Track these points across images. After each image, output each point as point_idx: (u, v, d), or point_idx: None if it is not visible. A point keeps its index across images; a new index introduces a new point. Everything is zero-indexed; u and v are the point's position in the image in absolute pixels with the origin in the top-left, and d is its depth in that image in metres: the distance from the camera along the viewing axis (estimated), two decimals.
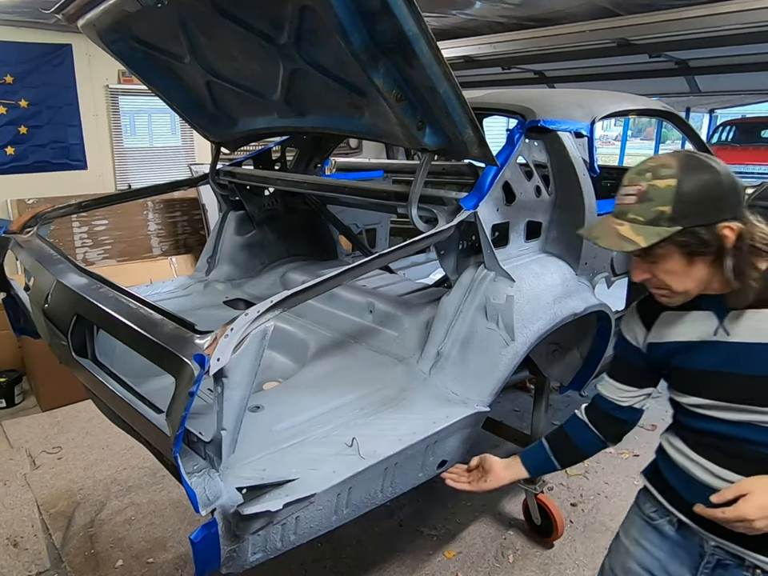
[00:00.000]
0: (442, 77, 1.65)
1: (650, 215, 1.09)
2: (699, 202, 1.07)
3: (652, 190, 1.09)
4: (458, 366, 1.97)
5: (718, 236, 1.07)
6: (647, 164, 1.14)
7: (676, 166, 1.09)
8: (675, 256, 1.11)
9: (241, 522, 1.34)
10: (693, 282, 1.13)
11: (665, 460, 1.32)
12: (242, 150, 3.38)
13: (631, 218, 1.11)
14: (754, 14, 3.42)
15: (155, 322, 1.47)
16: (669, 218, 1.07)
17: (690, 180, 1.07)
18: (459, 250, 2.10)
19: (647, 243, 1.08)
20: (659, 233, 1.07)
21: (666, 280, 1.15)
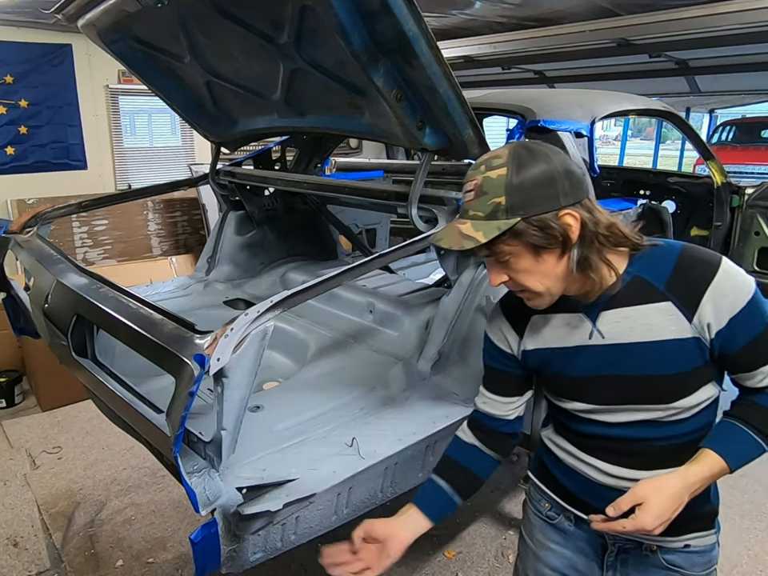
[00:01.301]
0: (441, 77, 1.65)
1: (487, 209, 1.03)
2: (532, 189, 1.01)
3: (486, 182, 1.03)
4: (458, 366, 1.97)
5: (560, 225, 1.01)
6: (482, 158, 1.08)
7: (506, 155, 1.03)
8: (522, 252, 1.05)
9: (241, 521, 1.34)
10: (550, 280, 1.07)
11: (551, 459, 1.30)
12: (242, 150, 3.38)
13: (472, 215, 1.05)
14: (754, 13, 3.42)
15: (155, 322, 1.47)
16: (505, 209, 1.01)
17: (521, 168, 1.01)
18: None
19: (486, 238, 1.02)
20: (498, 226, 1.01)
21: (521, 280, 1.08)
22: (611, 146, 22.53)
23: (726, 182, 3.28)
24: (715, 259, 1.06)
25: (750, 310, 1.04)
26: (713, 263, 1.05)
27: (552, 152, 1.05)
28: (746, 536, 2.60)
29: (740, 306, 1.03)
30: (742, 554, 2.49)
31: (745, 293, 1.04)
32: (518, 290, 1.13)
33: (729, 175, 3.33)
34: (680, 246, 1.10)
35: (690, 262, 1.07)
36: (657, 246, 1.11)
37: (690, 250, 1.09)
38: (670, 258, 1.08)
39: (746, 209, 3.22)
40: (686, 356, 1.07)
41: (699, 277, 1.05)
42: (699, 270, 1.06)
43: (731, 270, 1.05)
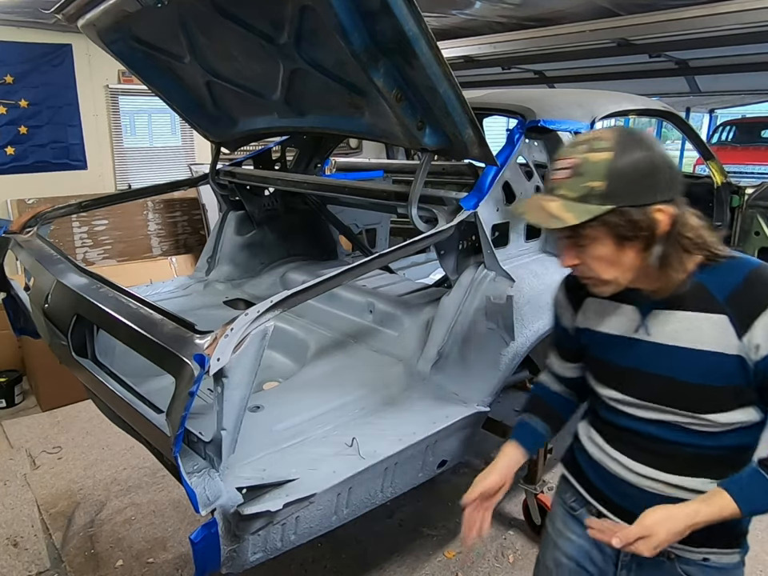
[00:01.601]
0: (441, 77, 1.65)
1: (580, 191, 1.01)
2: (633, 180, 1.00)
3: (585, 163, 1.02)
4: (458, 366, 1.97)
5: (651, 219, 1.01)
6: (583, 137, 1.07)
7: (612, 139, 1.02)
8: (605, 239, 1.03)
9: (241, 521, 1.34)
10: (621, 271, 1.06)
11: (581, 451, 1.32)
12: (242, 150, 3.38)
13: (561, 194, 1.03)
14: (754, 14, 3.42)
15: (155, 321, 1.47)
16: (600, 194, 1.00)
17: (625, 155, 1.00)
18: (459, 250, 2.10)
19: (577, 220, 1.00)
20: (589, 211, 1.00)
21: (594, 267, 1.07)
22: None
23: (725, 182, 3.28)
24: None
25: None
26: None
27: (655, 144, 1.03)
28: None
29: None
30: None
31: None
32: (586, 275, 1.12)
33: (729, 175, 3.34)
34: (756, 264, 1.07)
35: (759, 280, 1.04)
36: (733, 258, 1.09)
37: (764, 269, 1.06)
38: (740, 272, 1.06)
39: (745, 209, 3.22)
40: (723, 372, 1.05)
41: (763, 296, 1.03)
42: (766, 289, 1.03)
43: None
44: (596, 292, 1.14)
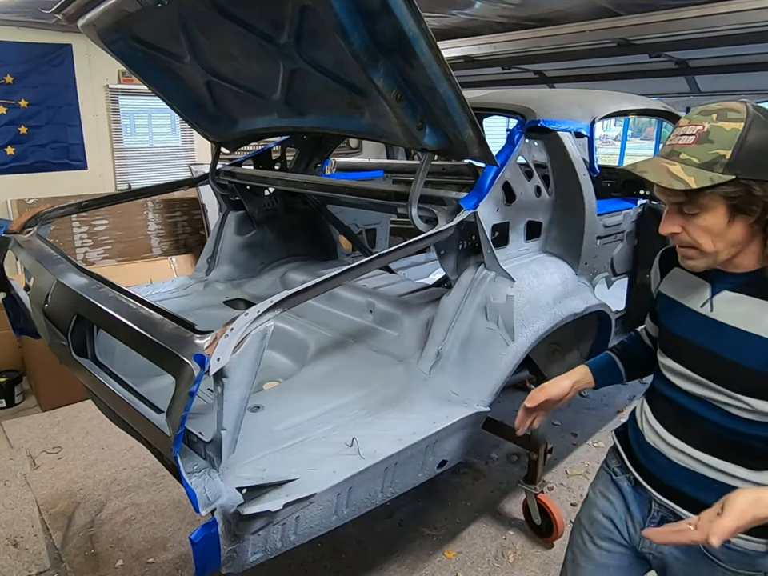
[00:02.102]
0: (441, 77, 1.65)
1: (706, 157, 1.02)
2: (759, 154, 1.01)
3: (715, 130, 1.03)
4: (458, 366, 1.97)
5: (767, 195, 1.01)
6: (713, 106, 1.07)
7: (745, 112, 1.03)
8: (719, 209, 1.03)
9: (241, 521, 1.34)
10: (725, 244, 1.06)
11: (632, 420, 1.38)
12: (242, 150, 3.38)
13: (684, 159, 1.04)
14: (754, 13, 3.42)
15: (155, 321, 1.47)
16: (726, 163, 1.00)
17: (758, 129, 1.01)
18: (459, 250, 2.10)
19: (698, 185, 1.00)
20: (712, 178, 1.00)
21: (696, 236, 1.07)
22: (611, 146, 22.50)
23: None
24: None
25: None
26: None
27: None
28: None
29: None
30: None
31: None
32: (685, 245, 1.11)
33: None
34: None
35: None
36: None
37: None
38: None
39: None
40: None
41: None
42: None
43: None
44: (689, 265, 1.14)
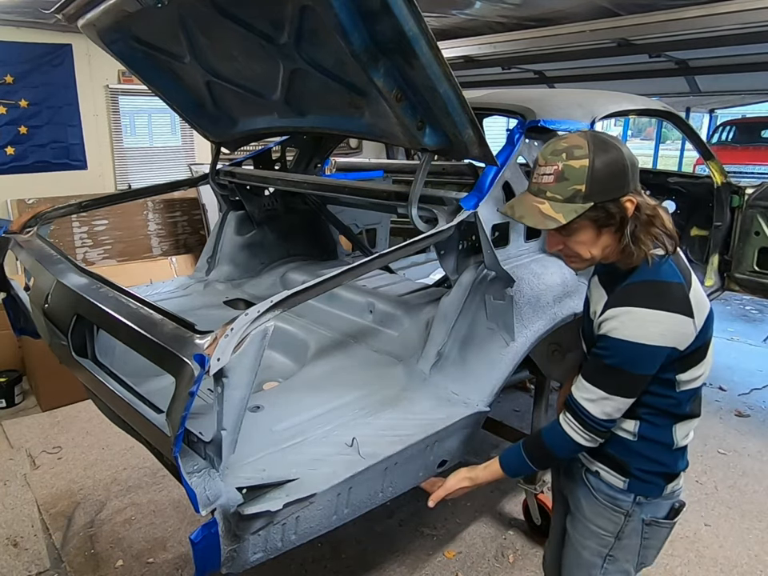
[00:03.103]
0: (442, 77, 1.65)
1: (567, 194, 1.23)
2: (608, 180, 1.22)
3: (567, 169, 1.23)
4: (458, 366, 1.97)
5: (622, 208, 1.24)
6: (560, 144, 1.26)
7: (587, 146, 1.22)
8: (587, 229, 1.27)
9: (241, 521, 1.34)
10: (598, 250, 1.31)
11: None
12: (242, 150, 3.38)
13: (550, 197, 1.25)
14: (754, 14, 3.42)
15: (155, 321, 1.47)
16: (583, 195, 1.22)
17: (600, 160, 1.21)
18: (459, 249, 2.10)
19: (566, 220, 1.23)
20: (575, 210, 1.23)
21: (576, 249, 1.32)
22: None
23: (725, 182, 3.28)
24: (638, 303, 1.24)
25: (611, 343, 1.27)
26: (637, 302, 1.25)
27: (621, 145, 1.26)
28: (746, 536, 2.60)
29: (611, 335, 1.26)
30: (742, 553, 2.49)
31: (622, 334, 1.25)
32: (568, 255, 1.36)
33: (729, 175, 3.33)
34: (652, 278, 1.27)
35: (637, 290, 1.27)
36: (660, 262, 1.29)
37: (651, 286, 1.27)
38: (643, 275, 1.28)
39: (745, 209, 3.22)
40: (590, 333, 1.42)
41: (626, 297, 1.27)
42: (631, 296, 1.27)
43: (637, 315, 1.24)
44: (574, 268, 1.43)
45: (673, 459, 1.41)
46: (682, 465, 1.45)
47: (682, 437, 1.40)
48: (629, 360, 1.26)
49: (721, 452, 3.26)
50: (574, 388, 1.35)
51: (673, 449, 1.40)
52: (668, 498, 1.43)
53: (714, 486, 2.98)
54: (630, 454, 1.40)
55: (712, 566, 2.41)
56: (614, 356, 1.27)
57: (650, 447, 1.38)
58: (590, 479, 1.48)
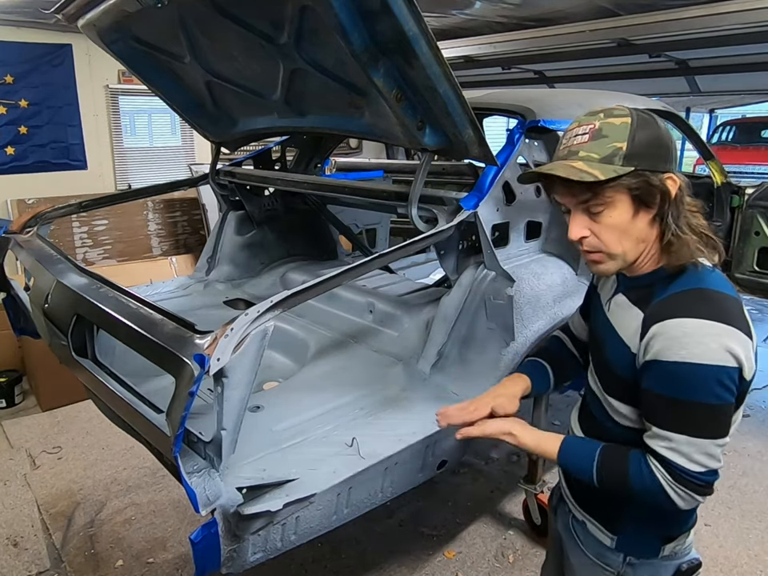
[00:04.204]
0: (441, 77, 1.65)
1: (605, 151, 1.04)
2: (651, 146, 1.05)
3: (607, 126, 1.06)
4: (458, 366, 1.97)
5: (664, 186, 1.05)
6: (596, 109, 1.11)
7: (626, 108, 1.09)
8: (623, 202, 1.05)
9: (241, 521, 1.34)
10: (631, 243, 1.08)
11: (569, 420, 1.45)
12: (242, 150, 3.38)
13: (584, 156, 1.05)
14: (754, 14, 3.42)
15: (155, 321, 1.47)
16: (624, 155, 1.03)
17: (643, 122, 1.06)
18: (459, 250, 2.10)
19: (605, 176, 1.02)
20: (615, 170, 1.02)
21: (604, 237, 1.08)
22: None
23: (725, 181, 3.28)
24: (688, 313, 1.02)
25: (664, 369, 1.02)
26: (686, 312, 1.02)
27: (662, 122, 1.10)
28: (746, 536, 2.60)
29: (662, 359, 1.02)
30: (742, 554, 2.49)
31: (675, 354, 1.00)
32: (593, 249, 1.11)
33: (729, 175, 3.33)
34: (704, 285, 1.06)
35: (687, 298, 1.05)
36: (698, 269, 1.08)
37: (702, 294, 1.05)
38: (688, 284, 1.06)
39: (745, 209, 3.22)
40: (625, 365, 1.11)
41: (675, 308, 1.04)
42: (683, 305, 1.04)
43: (690, 327, 1.00)
44: (599, 270, 1.14)
45: (671, 519, 1.18)
46: (685, 525, 1.21)
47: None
48: (692, 387, 1.00)
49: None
50: (646, 436, 1.09)
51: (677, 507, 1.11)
52: (669, 558, 1.22)
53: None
54: (620, 508, 1.19)
55: (712, 566, 2.41)
56: (673, 385, 1.01)
57: (646, 505, 1.14)
58: (576, 529, 1.30)
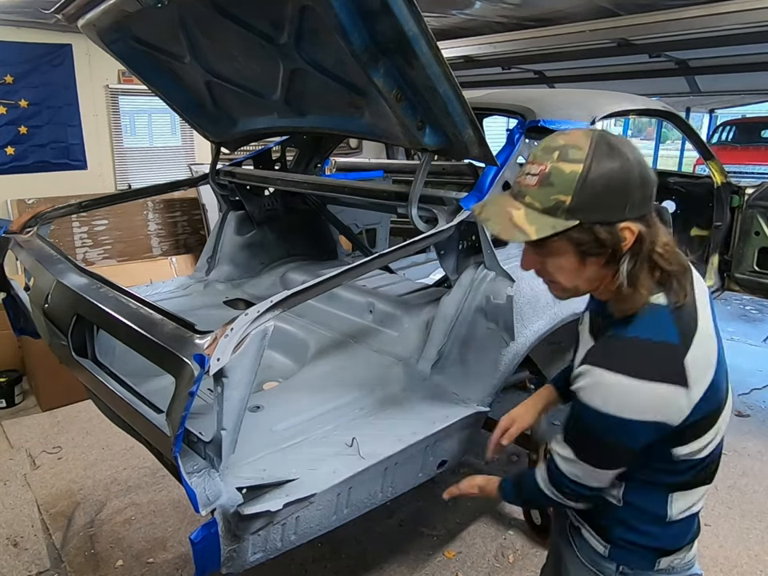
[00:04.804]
0: (441, 77, 1.65)
1: (548, 202, 0.96)
2: (605, 195, 0.94)
3: (555, 173, 0.96)
4: (458, 366, 1.97)
5: (617, 237, 0.96)
6: (558, 140, 0.99)
7: (588, 147, 0.95)
8: (568, 253, 1.00)
9: (241, 521, 1.34)
10: (582, 282, 1.05)
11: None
12: (242, 150, 3.38)
13: (528, 202, 0.99)
14: (754, 14, 3.42)
15: (155, 321, 1.47)
16: (567, 209, 0.95)
17: (599, 168, 0.94)
18: (459, 249, 2.10)
19: (538, 236, 0.97)
20: (554, 225, 0.96)
21: (554, 274, 1.05)
22: None
23: (726, 182, 3.28)
24: (614, 366, 0.99)
25: (579, 403, 1.03)
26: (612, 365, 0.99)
27: (634, 155, 0.97)
28: (746, 536, 2.60)
29: (580, 395, 1.03)
30: (742, 554, 2.49)
31: (590, 400, 1.01)
32: (547, 279, 1.10)
33: (729, 175, 3.33)
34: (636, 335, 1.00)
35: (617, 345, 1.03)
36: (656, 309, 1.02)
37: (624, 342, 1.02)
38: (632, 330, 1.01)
39: (746, 209, 3.22)
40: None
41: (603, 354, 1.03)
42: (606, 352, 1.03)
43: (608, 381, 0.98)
44: (555, 295, 1.13)
45: (665, 533, 1.15)
46: (679, 541, 1.19)
47: (679, 510, 1.13)
48: (599, 429, 1.02)
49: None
50: (554, 438, 1.14)
51: (666, 521, 1.13)
52: (666, 572, 1.19)
53: (713, 485, 2.97)
54: (613, 519, 1.17)
55: (712, 566, 2.41)
56: (583, 421, 1.04)
57: (636, 516, 1.13)
58: (573, 535, 1.28)
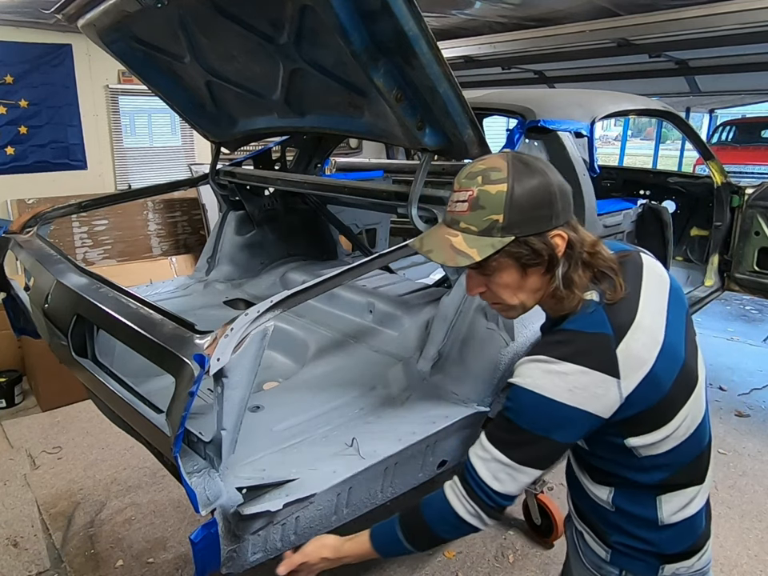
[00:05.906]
0: (441, 77, 1.65)
1: (482, 224, 1.03)
2: (532, 209, 1.02)
3: (483, 196, 1.03)
4: (458, 366, 1.97)
5: (550, 245, 1.04)
6: (477, 166, 1.07)
7: (505, 169, 1.02)
8: (510, 269, 1.06)
9: (241, 521, 1.34)
10: (526, 295, 1.10)
11: None
12: (242, 150, 3.38)
13: (464, 228, 1.05)
14: (754, 13, 3.43)
15: (155, 322, 1.47)
16: (501, 227, 1.02)
17: (521, 186, 1.01)
18: None
19: (481, 256, 1.03)
20: (493, 244, 1.02)
21: (499, 293, 1.11)
22: (611, 146, 22.54)
23: (725, 182, 3.28)
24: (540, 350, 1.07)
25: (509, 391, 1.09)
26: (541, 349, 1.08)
27: (549, 169, 1.06)
28: (746, 536, 2.60)
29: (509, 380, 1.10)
30: (742, 554, 2.49)
31: (518, 380, 1.07)
32: (493, 301, 1.15)
33: (729, 175, 3.34)
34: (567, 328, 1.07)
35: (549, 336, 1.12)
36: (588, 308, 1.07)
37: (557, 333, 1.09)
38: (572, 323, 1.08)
39: (745, 209, 3.22)
40: None
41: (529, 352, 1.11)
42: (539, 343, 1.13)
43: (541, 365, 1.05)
44: (506, 317, 1.19)
45: (661, 538, 1.14)
46: (682, 545, 1.17)
47: (670, 513, 1.13)
48: (531, 415, 1.04)
49: (721, 452, 3.26)
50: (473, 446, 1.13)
51: (659, 525, 1.13)
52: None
53: (713, 485, 2.98)
54: (609, 524, 1.18)
55: (712, 566, 2.41)
56: (514, 409, 1.06)
57: (629, 521, 1.15)
58: (577, 539, 1.29)
